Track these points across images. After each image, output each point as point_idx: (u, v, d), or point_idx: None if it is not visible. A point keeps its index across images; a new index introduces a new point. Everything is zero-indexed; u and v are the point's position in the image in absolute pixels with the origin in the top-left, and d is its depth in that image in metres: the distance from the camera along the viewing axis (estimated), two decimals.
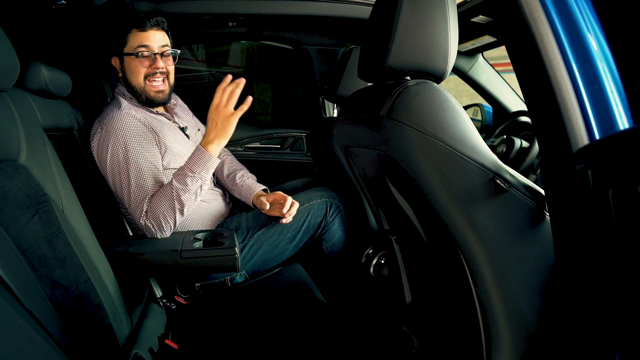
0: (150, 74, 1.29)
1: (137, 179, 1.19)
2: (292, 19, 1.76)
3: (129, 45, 1.27)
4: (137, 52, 1.26)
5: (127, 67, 1.30)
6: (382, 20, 0.81)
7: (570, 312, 0.69)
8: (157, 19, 1.29)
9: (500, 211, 0.73)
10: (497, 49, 1.72)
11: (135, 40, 1.27)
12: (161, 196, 1.18)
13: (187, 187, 1.16)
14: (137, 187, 1.19)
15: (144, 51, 1.27)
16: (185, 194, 1.16)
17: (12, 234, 0.68)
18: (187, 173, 1.16)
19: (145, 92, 1.30)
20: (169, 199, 1.16)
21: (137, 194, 1.19)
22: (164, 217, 1.17)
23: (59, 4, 1.15)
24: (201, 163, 1.16)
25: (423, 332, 1.11)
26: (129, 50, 1.27)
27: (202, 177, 1.17)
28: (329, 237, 1.43)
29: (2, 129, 0.78)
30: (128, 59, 1.29)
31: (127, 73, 1.30)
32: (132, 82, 1.30)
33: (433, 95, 0.75)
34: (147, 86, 1.30)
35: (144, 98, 1.31)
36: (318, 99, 2.02)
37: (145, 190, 1.19)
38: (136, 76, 1.29)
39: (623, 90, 0.63)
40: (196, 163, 1.16)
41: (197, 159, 1.17)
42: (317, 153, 2.00)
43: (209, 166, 1.17)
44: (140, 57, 1.27)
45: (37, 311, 0.65)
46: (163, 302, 1.21)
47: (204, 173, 1.17)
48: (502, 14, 0.68)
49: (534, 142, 1.44)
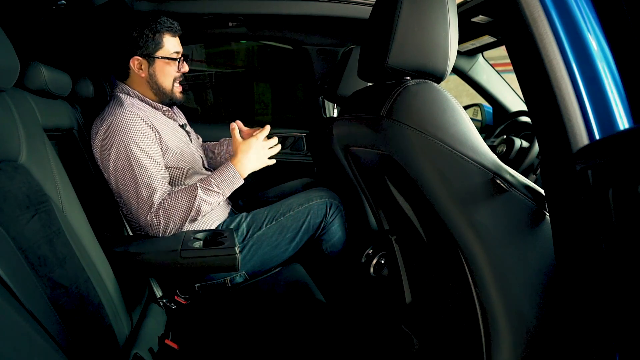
0: (179, 77, 1.37)
1: (143, 177, 1.19)
2: (292, 19, 1.76)
3: (165, 50, 1.32)
4: (175, 56, 1.33)
5: (159, 70, 1.33)
6: (382, 20, 0.81)
7: (570, 312, 0.69)
8: (179, 26, 1.36)
9: (501, 211, 0.73)
10: (497, 49, 1.72)
11: (170, 45, 1.33)
12: (181, 198, 1.19)
13: (211, 200, 1.20)
14: (144, 185, 1.19)
15: (179, 56, 1.35)
16: (206, 206, 1.20)
17: (12, 234, 0.68)
18: (213, 188, 1.20)
19: (173, 94, 1.37)
20: (188, 203, 1.18)
21: (144, 192, 1.19)
22: (177, 217, 1.18)
23: (59, 4, 1.15)
24: (230, 182, 1.22)
25: (423, 332, 1.11)
26: (164, 54, 1.32)
27: (225, 194, 1.23)
28: (329, 237, 1.43)
29: (2, 129, 0.78)
30: (161, 62, 1.32)
31: (157, 75, 1.33)
32: (162, 84, 1.34)
33: (433, 95, 0.75)
34: (174, 88, 1.37)
35: (167, 98, 1.37)
36: (318, 99, 2.02)
37: (152, 188, 1.20)
38: (168, 79, 1.35)
39: (623, 90, 0.63)
40: (225, 181, 1.21)
41: (226, 177, 1.22)
42: (317, 153, 2.00)
43: (234, 186, 1.23)
44: (178, 61, 1.34)
45: (37, 311, 0.65)
46: (163, 302, 1.21)
47: (228, 191, 1.23)
48: (502, 14, 0.68)
49: (534, 142, 1.44)
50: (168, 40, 1.32)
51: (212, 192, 1.20)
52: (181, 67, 1.36)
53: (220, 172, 1.22)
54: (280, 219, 1.39)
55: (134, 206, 1.20)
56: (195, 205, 1.18)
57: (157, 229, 1.19)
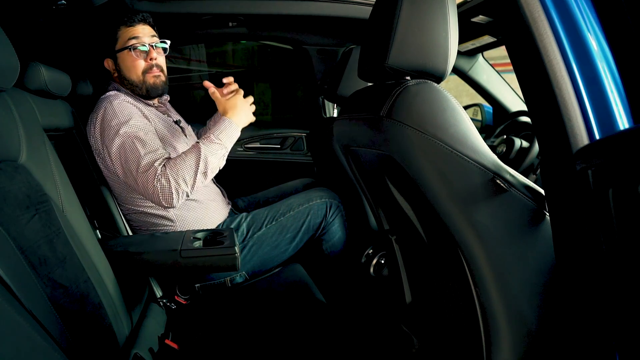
0: (148, 68, 1.31)
1: (146, 148, 1.17)
2: (292, 19, 1.76)
3: (120, 42, 1.29)
4: (130, 45, 1.28)
5: (123, 64, 1.30)
6: (382, 20, 0.81)
7: (570, 312, 0.69)
8: (143, 15, 1.31)
9: (501, 211, 0.73)
10: (497, 49, 1.72)
11: (125, 36, 1.28)
12: (185, 155, 1.16)
13: (214, 152, 1.18)
14: (146, 157, 1.16)
15: (136, 43, 1.28)
16: (212, 157, 1.17)
17: (12, 234, 0.68)
18: (213, 140, 1.19)
19: (145, 82, 1.32)
20: (195, 158, 1.15)
21: (146, 161, 1.15)
22: (184, 173, 1.14)
23: (59, 4, 1.15)
24: (227, 132, 1.21)
25: (423, 332, 1.11)
26: (120, 46, 1.29)
27: (227, 147, 1.21)
28: (329, 237, 1.43)
29: (2, 129, 0.78)
30: (122, 56, 1.30)
31: (123, 70, 1.31)
32: (131, 77, 1.31)
33: (433, 95, 0.75)
34: (145, 77, 1.32)
35: (144, 90, 1.33)
36: (318, 99, 2.02)
37: (154, 156, 1.16)
38: (134, 71, 1.30)
39: (623, 90, 0.63)
40: (222, 131, 1.20)
41: (223, 128, 1.20)
42: (317, 153, 2.00)
43: (233, 137, 1.22)
44: (134, 49, 1.28)
45: (37, 311, 0.65)
46: (163, 302, 1.21)
47: (229, 143, 1.21)
48: (502, 14, 0.68)
49: (534, 142, 1.44)
50: (123, 32, 1.28)
51: (213, 144, 1.18)
52: (145, 55, 1.30)
53: (217, 125, 1.22)
54: (280, 219, 1.39)
55: (141, 181, 1.16)
56: (202, 156, 1.16)
57: (169, 191, 1.13)
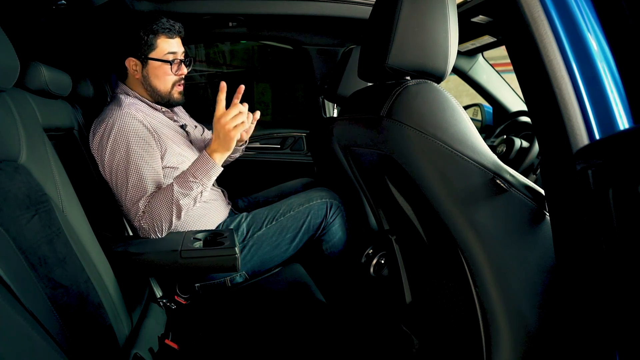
0: (178, 81, 1.35)
1: (134, 180, 1.20)
2: (292, 19, 1.76)
3: (158, 51, 1.30)
4: (168, 58, 1.31)
5: (153, 71, 1.32)
6: (382, 20, 0.81)
7: (570, 312, 0.69)
8: (180, 28, 1.33)
9: (500, 211, 0.73)
10: (497, 49, 1.72)
11: (164, 47, 1.30)
12: (160, 198, 1.18)
13: (188, 192, 1.17)
14: (134, 188, 1.20)
15: (174, 59, 1.32)
16: (185, 198, 1.17)
17: (12, 234, 0.68)
18: (189, 178, 1.18)
19: (171, 95, 1.36)
20: (167, 202, 1.17)
21: (134, 195, 1.20)
22: (160, 219, 1.18)
23: (59, 4, 1.15)
24: (204, 170, 1.18)
25: (423, 332, 1.11)
26: (157, 56, 1.30)
27: (204, 183, 1.19)
28: (329, 237, 1.43)
29: (2, 129, 0.78)
30: (155, 64, 1.31)
31: (151, 77, 1.32)
32: (158, 87, 1.33)
33: (433, 95, 0.75)
34: (173, 90, 1.35)
35: (166, 100, 1.36)
36: (318, 99, 2.02)
37: (142, 191, 1.20)
38: (163, 81, 1.33)
39: (623, 90, 0.63)
40: (199, 169, 1.18)
41: (200, 165, 1.19)
42: (317, 153, 2.00)
43: (211, 174, 1.19)
44: (172, 63, 1.31)
45: (37, 311, 0.65)
46: (163, 302, 1.21)
47: (206, 180, 1.19)
48: (502, 14, 0.68)
49: (534, 142, 1.44)
50: (163, 41, 1.30)
51: (188, 182, 1.17)
52: (176, 69, 1.33)
53: (194, 161, 1.21)
54: (280, 219, 1.39)
55: (126, 208, 1.22)
56: (174, 199, 1.16)
57: (146, 232, 1.19)
